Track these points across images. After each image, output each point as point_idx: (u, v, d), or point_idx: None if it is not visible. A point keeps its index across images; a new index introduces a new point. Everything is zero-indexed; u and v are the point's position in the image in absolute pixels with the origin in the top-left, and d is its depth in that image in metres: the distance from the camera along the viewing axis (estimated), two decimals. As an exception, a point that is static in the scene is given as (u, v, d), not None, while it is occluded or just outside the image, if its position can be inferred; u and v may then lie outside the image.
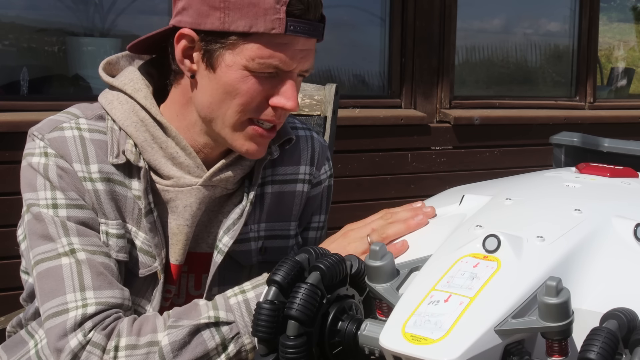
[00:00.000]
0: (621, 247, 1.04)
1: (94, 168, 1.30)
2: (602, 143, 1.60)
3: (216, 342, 1.22)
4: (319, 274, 1.00)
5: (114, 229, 1.31)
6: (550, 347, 0.90)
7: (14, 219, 1.44)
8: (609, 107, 4.72)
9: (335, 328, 1.03)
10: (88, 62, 3.43)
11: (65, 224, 1.27)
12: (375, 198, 3.71)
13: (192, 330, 1.21)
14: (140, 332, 1.21)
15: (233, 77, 1.25)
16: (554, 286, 0.87)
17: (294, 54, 1.25)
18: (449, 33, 4.05)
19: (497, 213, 1.11)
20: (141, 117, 1.32)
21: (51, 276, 1.25)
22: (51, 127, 1.32)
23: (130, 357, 1.20)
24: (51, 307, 1.24)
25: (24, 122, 2.90)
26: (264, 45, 1.23)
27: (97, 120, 1.34)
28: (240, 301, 1.24)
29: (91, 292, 1.24)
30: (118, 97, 1.34)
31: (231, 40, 1.24)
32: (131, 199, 1.32)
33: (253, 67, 1.24)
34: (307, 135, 1.50)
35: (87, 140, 1.31)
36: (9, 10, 3.36)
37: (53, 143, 1.30)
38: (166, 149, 1.33)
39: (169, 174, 1.33)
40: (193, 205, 1.34)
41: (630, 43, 5.70)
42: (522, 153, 4.18)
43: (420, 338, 0.89)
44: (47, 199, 1.28)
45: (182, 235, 1.35)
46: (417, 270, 1.05)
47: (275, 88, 1.27)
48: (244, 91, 1.26)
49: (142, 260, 1.33)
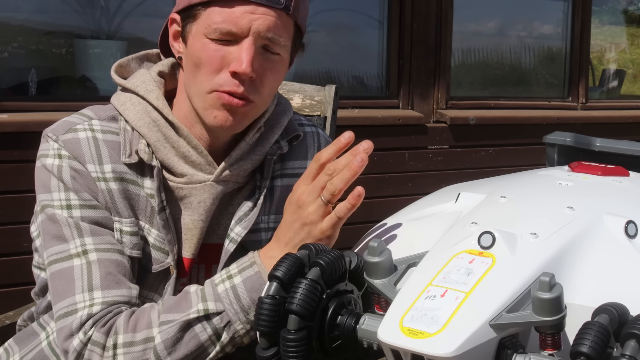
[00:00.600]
0: (612, 244, 1.04)
1: (107, 168, 1.30)
2: (594, 142, 1.60)
3: (209, 334, 1.21)
4: (318, 270, 1.00)
5: (127, 227, 1.31)
6: (544, 341, 0.90)
7: (24, 216, 1.44)
8: (601, 108, 4.72)
9: (335, 322, 1.03)
10: (95, 64, 3.43)
11: (78, 224, 1.28)
12: (373, 196, 3.71)
13: (183, 326, 1.21)
14: (136, 328, 1.21)
15: (196, 46, 1.28)
16: (547, 281, 0.87)
17: (244, 16, 1.25)
18: (445, 36, 4.05)
19: (492, 210, 1.11)
20: (153, 118, 1.33)
21: (63, 277, 1.26)
22: (65, 128, 1.33)
23: (128, 354, 1.20)
24: (62, 307, 1.25)
25: (33, 122, 2.91)
26: (217, 11, 1.26)
27: (110, 121, 1.35)
28: (228, 288, 1.23)
29: (99, 291, 1.24)
30: (131, 98, 1.35)
31: (196, 12, 1.28)
32: (144, 197, 1.33)
33: (210, 34, 1.26)
34: (313, 132, 1.52)
35: (100, 141, 1.32)
36: (17, 14, 3.35)
37: (67, 144, 1.31)
38: (178, 148, 1.34)
39: (182, 172, 1.34)
40: (207, 201, 1.35)
41: (621, 45, 5.70)
42: (516, 152, 4.18)
43: (417, 332, 0.89)
44: (61, 200, 1.29)
45: (197, 230, 1.36)
46: (414, 266, 1.05)
47: (231, 54, 1.27)
48: (205, 59, 1.27)
49: (155, 257, 1.34)
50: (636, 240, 1.05)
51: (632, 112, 4.73)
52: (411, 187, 3.88)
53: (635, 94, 5.82)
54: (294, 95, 1.87)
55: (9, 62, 3.33)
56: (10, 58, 3.33)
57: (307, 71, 3.84)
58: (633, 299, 0.92)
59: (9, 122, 2.90)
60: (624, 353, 0.81)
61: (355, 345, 1.03)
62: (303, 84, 1.90)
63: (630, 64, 5.78)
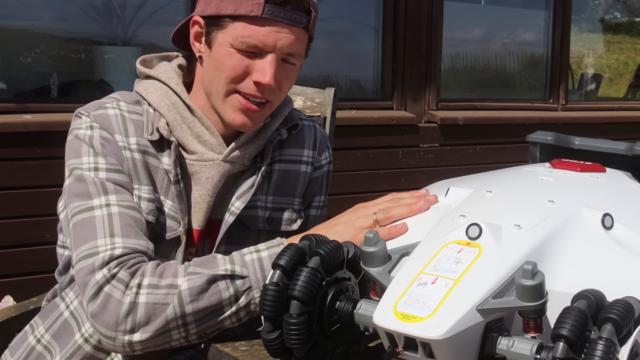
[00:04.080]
0: (590, 235, 1.04)
1: (133, 140, 1.34)
2: (573, 141, 1.59)
3: (230, 293, 1.21)
4: (319, 259, 1.00)
5: (145, 194, 1.34)
6: (527, 325, 0.90)
7: (48, 209, 1.45)
8: (580, 109, 4.71)
9: (334, 307, 1.03)
10: (111, 69, 3.43)
11: (104, 184, 1.30)
12: (369, 190, 3.70)
13: (210, 279, 1.20)
14: (162, 274, 1.21)
15: (222, 53, 1.33)
16: (529, 270, 0.87)
17: (270, 35, 1.30)
18: (435, 42, 4.04)
19: (479, 204, 1.11)
20: (173, 101, 1.39)
21: (85, 225, 1.27)
22: (96, 106, 1.37)
23: (151, 295, 1.19)
24: (83, 250, 1.24)
25: (54, 122, 2.91)
26: (246, 26, 1.30)
27: (135, 104, 1.40)
28: (255, 259, 1.24)
29: (120, 238, 1.24)
30: (153, 84, 1.41)
31: (223, 22, 1.32)
32: (162, 171, 1.36)
33: (237, 45, 1.31)
34: (310, 125, 1.55)
35: (126, 119, 1.36)
36: (40, 22, 3.35)
37: (97, 118, 1.34)
38: (193, 128, 1.38)
39: (194, 150, 1.38)
40: (214, 178, 1.38)
41: (598, 51, 5.70)
42: (501, 150, 4.17)
43: (410, 316, 0.89)
44: (89, 163, 1.32)
45: (204, 204, 1.39)
46: (407, 255, 1.05)
47: (256, 65, 1.32)
48: (229, 66, 1.32)
49: (169, 225, 1.36)
50: (612, 232, 1.05)
51: (609, 113, 4.72)
52: (404, 182, 3.87)
53: (612, 96, 5.81)
54: (296, 98, 1.87)
55: (32, 67, 3.33)
56: (33, 63, 3.32)
57: (307, 75, 3.83)
58: (609, 286, 0.92)
59: (32, 122, 2.90)
60: (601, 336, 0.81)
61: (353, 329, 1.03)
62: (304, 87, 1.90)
63: (607, 68, 5.78)
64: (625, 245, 1.02)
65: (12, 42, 3.25)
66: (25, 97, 3.23)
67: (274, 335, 1.01)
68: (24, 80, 3.31)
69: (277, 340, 1.01)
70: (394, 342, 0.91)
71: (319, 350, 1.03)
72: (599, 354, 0.79)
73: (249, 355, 1.16)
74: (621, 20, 6.02)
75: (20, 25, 3.31)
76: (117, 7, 3.44)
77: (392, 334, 0.91)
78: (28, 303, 1.65)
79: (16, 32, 3.30)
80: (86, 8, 3.35)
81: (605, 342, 0.80)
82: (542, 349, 0.87)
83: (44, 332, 1.41)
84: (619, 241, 1.03)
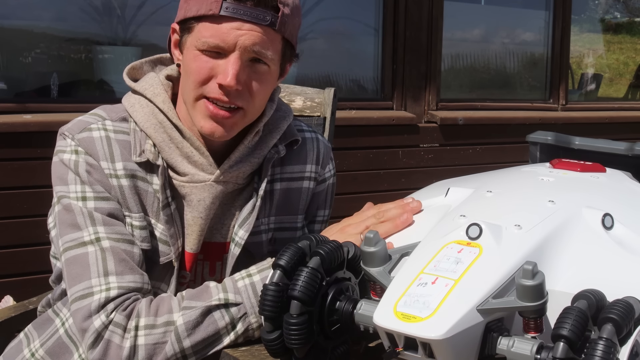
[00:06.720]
0: (590, 235, 1.04)
1: (119, 166, 1.30)
2: (573, 141, 1.59)
3: (226, 322, 1.21)
4: (319, 259, 1.00)
5: (137, 222, 1.31)
6: (527, 325, 0.90)
7: (45, 209, 1.44)
8: (580, 109, 4.71)
9: (334, 307, 1.03)
10: (111, 69, 3.42)
11: (92, 214, 1.27)
12: (369, 190, 3.71)
13: (204, 311, 1.20)
14: (157, 312, 1.21)
15: (189, 57, 1.29)
16: (530, 270, 0.87)
17: (230, 32, 1.24)
18: (435, 42, 4.04)
19: (479, 204, 1.11)
20: (159, 120, 1.33)
21: (78, 262, 1.25)
22: (80, 127, 1.32)
23: (149, 335, 1.19)
24: (77, 290, 1.24)
25: (54, 122, 2.90)
26: (207, 26, 1.26)
27: (121, 121, 1.34)
28: (247, 284, 1.23)
29: (114, 277, 1.23)
30: (139, 100, 1.35)
31: (190, 25, 1.29)
32: (152, 194, 1.32)
33: (200, 46, 1.26)
34: (313, 137, 1.49)
35: (112, 140, 1.31)
36: (40, 22, 3.35)
37: (82, 142, 1.30)
38: (182, 149, 1.33)
39: (185, 171, 1.33)
40: (206, 200, 1.33)
41: (598, 51, 5.70)
42: (501, 150, 4.17)
43: (410, 316, 0.89)
44: (76, 192, 1.28)
45: (197, 227, 1.34)
46: (407, 255, 1.05)
47: (219, 67, 1.26)
48: (194, 69, 1.27)
49: (161, 249, 1.33)
50: (612, 232, 1.05)
51: (609, 113, 4.72)
52: (404, 182, 3.87)
53: (612, 96, 5.81)
54: (296, 98, 1.87)
55: (33, 67, 3.33)
56: (33, 63, 3.32)
57: (307, 75, 3.83)
58: (609, 285, 0.92)
59: (32, 122, 2.90)
60: (601, 336, 0.81)
61: (353, 329, 1.03)
62: (304, 87, 1.90)
63: (606, 68, 5.78)
64: (625, 245, 1.02)
65: (12, 42, 3.25)
66: (25, 97, 3.23)
67: (274, 335, 1.01)
68: (24, 80, 3.31)
69: (277, 340, 1.01)
70: (394, 342, 0.91)
71: (319, 350, 1.03)
72: (599, 354, 0.79)
73: (249, 355, 1.16)
74: (621, 20, 6.02)
75: (20, 25, 3.31)
76: (117, 7, 3.44)
77: (392, 334, 0.90)
78: (28, 303, 1.65)
79: (16, 32, 3.29)
80: (86, 8, 3.35)
81: (605, 342, 0.80)
82: (542, 349, 0.87)
83: (39, 347, 1.40)
84: (619, 241, 1.03)
